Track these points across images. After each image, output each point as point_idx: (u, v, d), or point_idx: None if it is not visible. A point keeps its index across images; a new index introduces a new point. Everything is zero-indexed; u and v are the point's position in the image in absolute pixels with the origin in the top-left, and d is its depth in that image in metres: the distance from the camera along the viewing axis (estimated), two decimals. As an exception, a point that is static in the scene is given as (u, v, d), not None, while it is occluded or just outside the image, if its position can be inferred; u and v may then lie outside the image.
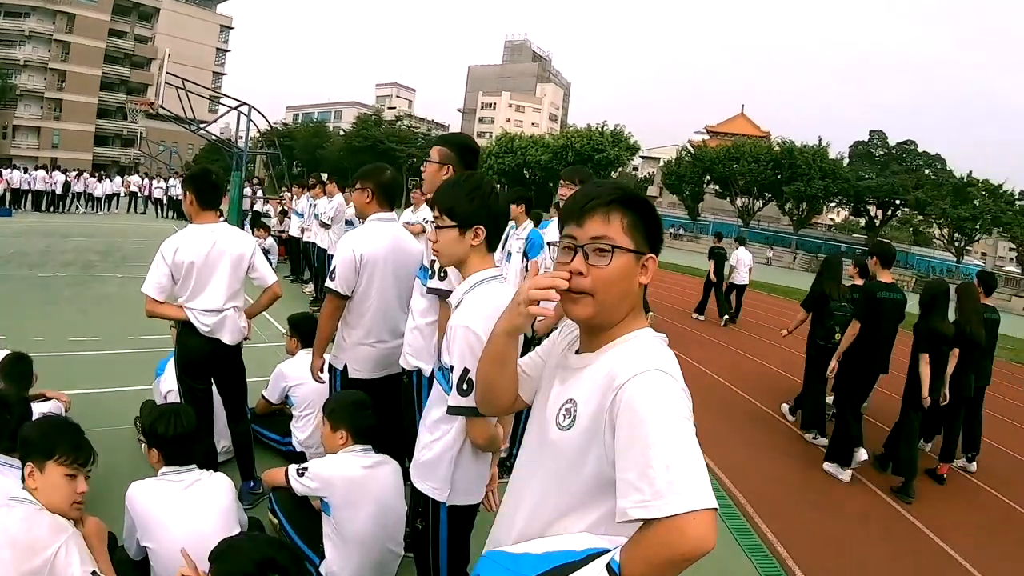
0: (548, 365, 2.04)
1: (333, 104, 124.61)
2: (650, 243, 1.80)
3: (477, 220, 2.77)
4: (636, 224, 1.76)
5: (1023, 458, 8.79)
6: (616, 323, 1.80)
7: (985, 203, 55.23)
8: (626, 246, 1.73)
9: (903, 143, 68.43)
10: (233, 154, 20.03)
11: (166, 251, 4.34)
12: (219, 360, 4.60)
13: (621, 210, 1.76)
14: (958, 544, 5.72)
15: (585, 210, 1.77)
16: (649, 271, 1.80)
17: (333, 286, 4.21)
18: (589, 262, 1.73)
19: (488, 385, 2.12)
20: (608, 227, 1.74)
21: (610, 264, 1.72)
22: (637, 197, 1.81)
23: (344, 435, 3.89)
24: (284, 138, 68.61)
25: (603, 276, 1.72)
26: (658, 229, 1.82)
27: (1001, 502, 7.04)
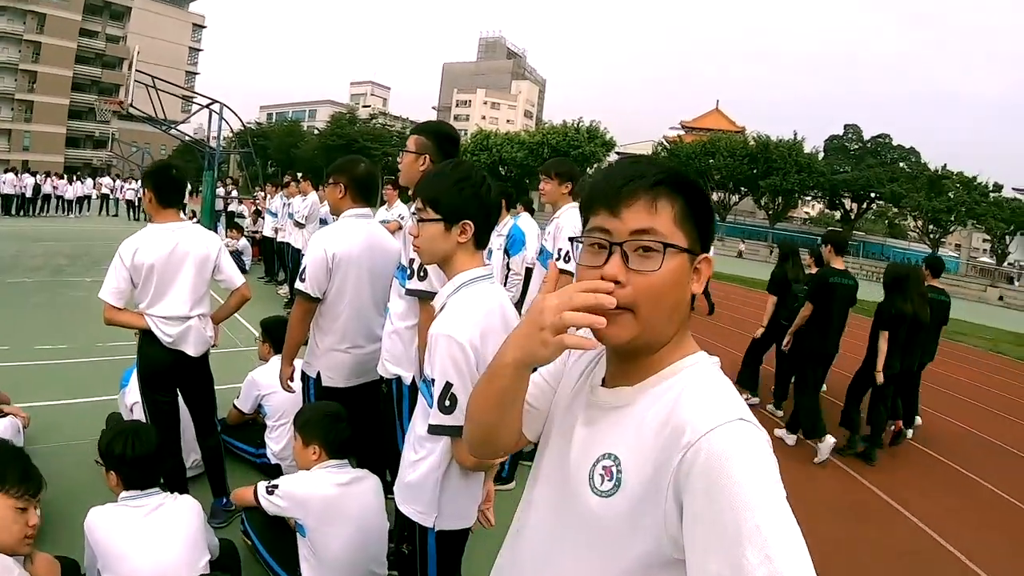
0: (561, 394, 1.58)
1: (307, 103, 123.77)
2: (702, 238, 1.36)
3: (466, 214, 2.46)
4: (687, 214, 1.33)
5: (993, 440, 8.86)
6: (662, 346, 1.35)
7: (960, 195, 56.28)
8: (679, 244, 1.30)
9: (878, 137, 68.99)
10: (205, 154, 19.68)
11: (124, 253, 4.01)
12: (184, 371, 4.27)
13: (671, 195, 1.32)
14: (908, 501, 6.37)
15: (624, 194, 1.31)
16: (703, 276, 1.37)
17: (303, 288, 3.90)
18: (630, 266, 1.28)
19: (486, 429, 1.57)
20: (655, 218, 1.30)
21: (660, 268, 1.27)
22: (688, 178, 1.35)
23: (317, 450, 3.63)
24: (258, 138, 68.04)
25: (650, 285, 1.28)
26: (710, 220, 1.38)
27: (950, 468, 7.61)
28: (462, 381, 2.25)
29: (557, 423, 1.54)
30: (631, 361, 1.37)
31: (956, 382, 12.79)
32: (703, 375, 1.33)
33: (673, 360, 1.35)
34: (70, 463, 4.96)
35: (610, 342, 1.33)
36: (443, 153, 3.52)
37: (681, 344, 1.38)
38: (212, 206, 18.32)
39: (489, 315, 2.39)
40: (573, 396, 1.52)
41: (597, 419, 1.40)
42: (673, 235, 1.30)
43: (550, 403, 1.61)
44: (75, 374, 7.28)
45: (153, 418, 4.22)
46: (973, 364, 15.47)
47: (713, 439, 1.14)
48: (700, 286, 1.37)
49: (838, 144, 71.28)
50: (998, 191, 57.40)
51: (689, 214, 1.33)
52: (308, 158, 71.80)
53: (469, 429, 1.63)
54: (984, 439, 9.09)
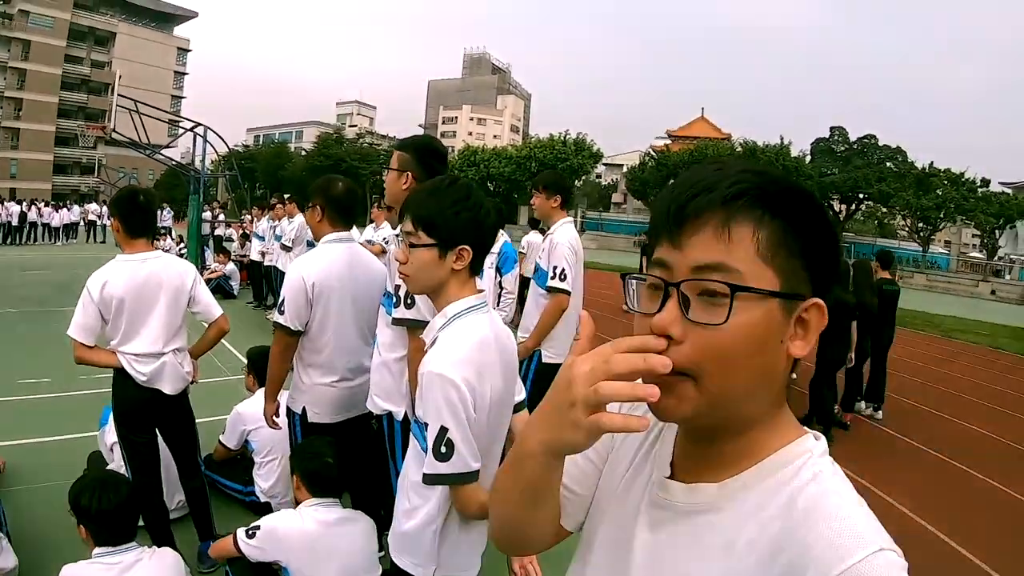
0: (611, 474, 1.20)
1: (294, 124, 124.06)
2: (813, 275, 0.95)
3: (464, 239, 2.18)
4: (784, 242, 0.92)
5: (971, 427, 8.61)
6: (749, 426, 0.98)
7: (948, 192, 56.44)
8: (763, 286, 0.90)
9: (864, 138, 69.38)
10: (191, 178, 19.50)
11: (92, 286, 3.76)
12: (161, 410, 4.01)
13: (756, 214, 0.92)
14: (864, 472, 6.48)
15: (687, 214, 0.94)
16: (811, 330, 0.96)
17: (282, 321, 3.67)
18: (690, 315, 0.91)
19: (513, 526, 1.21)
20: (728, 248, 0.91)
21: (727, 322, 0.89)
22: (787, 188, 0.95)
23: (297, 481, 3.44)
24: (245, 160, 68.20)
25: (715, 344, 0.90)
26: (828, 250, 0.97)
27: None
28: (458, 424, 2.01)
29: (608, 516, 1.15)
30: (709, 445, 1.01)
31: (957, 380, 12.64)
32: (818, 475, 0.93)
33: (771, 449, 0.97)
34: (47, 506, 4.72)
35: (664, 417, 0.96)
36: (427, 169, 3.32)
37: (779, 426, 0.99)
38: (199, 230, 18.09)
39: (485, 349, 2.15)
40: (630, 481, 1.14)
41: (666, 524, 1.02)
42: (754, 273, 0.90)
43: (595, 487, 1.22)
44: (56, 409, 7.05)
45: (131, 459, 3.98)
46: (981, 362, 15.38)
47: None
48: (807, 345, 0.96)
49: (825, 147, 71.66)
50: (986, 186, 57.86)
51: (788, 242, 0.92)
52: (296, 179, 71.75)
53: (493, 525, 1.25)
54: (980, 434, 8.91)
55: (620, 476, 1.16)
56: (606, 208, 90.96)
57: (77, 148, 72.26)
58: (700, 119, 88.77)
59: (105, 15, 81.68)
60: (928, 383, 12.15)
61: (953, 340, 18.99)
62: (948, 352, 16.64)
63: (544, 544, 1.26)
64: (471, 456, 2.04)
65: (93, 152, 68.22)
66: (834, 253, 0.97)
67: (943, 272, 54.13)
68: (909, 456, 7.84)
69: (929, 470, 7.44)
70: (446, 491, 2.15)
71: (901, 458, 7.72)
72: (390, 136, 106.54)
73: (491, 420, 2.17)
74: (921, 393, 11.21)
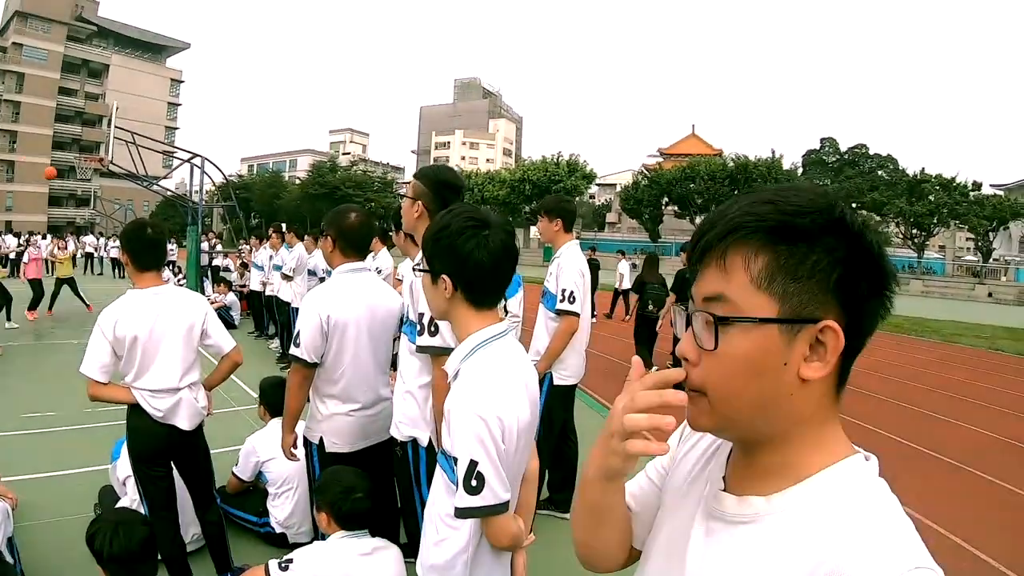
0: (670, 488, 1.28)
1: (288, 153, 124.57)
2: (842, 297, 0.96)
3: (443, 268, 2.18)
4: (785, 267, 0.96)
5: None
6: (782, 441, 1.02)
7: (940, 197, 56.86)
8: (755, 314, 0.96)
9: (855, 147, 70.09)
10: (188, 209, 19.50)
11: (105, 324, 3.74)
12: (177, 445, 3.99)
13: (753, 244, 0.97)
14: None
15: (698, 249, 1.04)
16: (828, 352, 0.96)
17: (298, 354, 3.66)
18: (699, 342, 1.01)
19: (586, 547, 1.36)
20: (726, 278, 0.99)
21: (717, 348, 0.98)
22: (797, 214, 0.96)
23: (326, 519, 3.39)
24: (240, 189, 68.16)
25: (715, 368, 0.99)
26: (862, 266, 0.97)
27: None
28: (488, 458, 2.02)
29: (665, 527, 1.23)
30: (753, 459, 1.07)
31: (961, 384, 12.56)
32: (862, 493, 0.98)
33: (815, 467, 1.01)
34: (60, 542, 4.71)
35: (693, 426, 1.08)
36: (440, 199, 3.34)
37: (822, 443, 1.02)
38: (198, 261, 18.08)
39: (509, 380, 2.16)
40: (686, 493, 1.21)
41: (718, 534, 1.08)
42: (747, 301, 0.97)
43: (656, 506, 1.30)
44: (64, 443, 7.00)
45: (147, 494, 3.95)
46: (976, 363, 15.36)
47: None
48: (824, 367, 0.97)
49: (816, 158, 72.33)
50: (977, 189, 58.24)
51: (790, 267, 0.95)
52: (291, 208, 71.99)
53: (574, 544, 1.39)
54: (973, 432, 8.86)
55: (677, 489, 1.24)
56: (601, 228, 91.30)
57: (72, 180, 72.33)
58: (691, 136, 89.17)
59: (98, 47, 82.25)
60: (931, 388, 12.19)
61: (953, 344, 19.15)
62: (948, 356, 16.75)
63: (615, 563, 1.36)
64: (502, 488, 2.05)
65: (89, 184, 68.26)
66: (874, 268, 0.98)
67: (939, 277, 54.38)
68: (917, 461, 7.86)
69: (936, 475, 7.46)
70: (476, 521, 2.15)
71: (909, 463, 7.74)
72: (384, 163, 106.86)
73: (518, 449, 2.18)
74: (924, 399, 11.29)
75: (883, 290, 0.99)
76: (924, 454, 8.10)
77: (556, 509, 5.59)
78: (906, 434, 8.83)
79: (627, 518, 1.32)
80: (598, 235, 75.75)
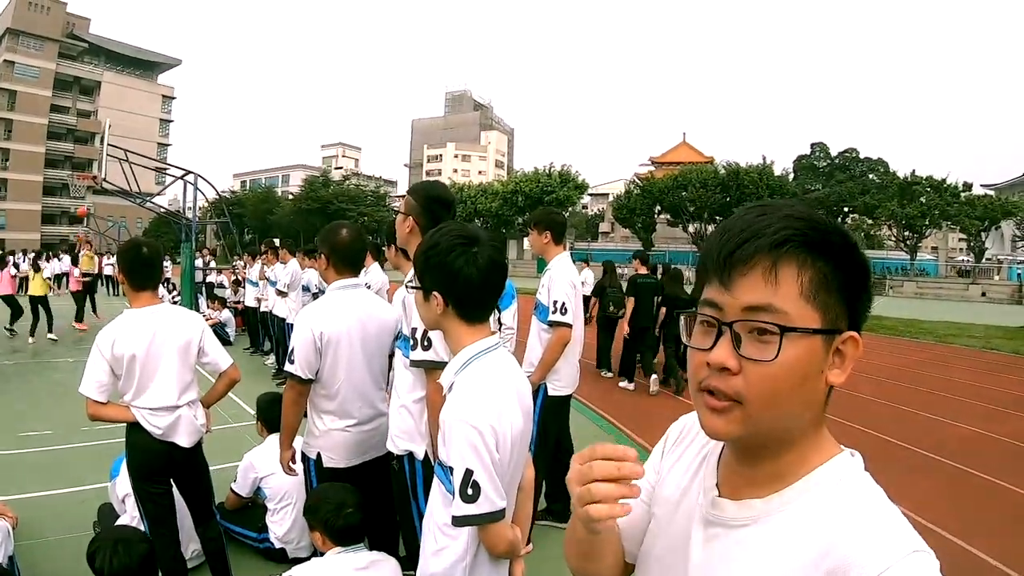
0: (660, 500, 1.31)
1: (280, 168, 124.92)
2: (850, 309, 1.05)
3: (433, 285, 2.26)
4: (827, 283, 1.02)
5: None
6: (789, 445, 1.08)
7: (931, 199, 57.36)
8: (808, 325, 1.00)
9: (845, 152, 70.34)
10: (182, 225, 19.50)
11: (102, 344, 3.78)
12: (176, 462, 4.01)
13: (801, 258, 1.01)
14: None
15: (736, 259, 1.03)
16: (847, 360, 1.05)
17: (293, 370, 3.69)
18: (741, 352, 1.01)
19: (579, 567, 1.39)
20: (775, 290, 1.01)
21: (777, 357, 0.99)
22: (830, 231, 1.03)
23: (321, 538, 3.41)
24: (233, 206, 68.27)
25: (765, 377, 1.00)
26: (861, 286, 1.06)
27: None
28: (483, 466, 2.08)
29: (661, 538, 1.27)
30: (754, 464, 1.10)
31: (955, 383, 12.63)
32: (854, 487, 1.05)
33: (811, 466, 1.07)
34: (61, 561, 4.75)
35: (717, 437, 1.11)
36: (431, 215, 3.39)
37: (818, 444, 1.09)
38: (192, 278, 18.07)
39: (502, 390, 2.22)
40: (679, 504, 1.25)
41: (719, 539, 1.12)
42: (800, 313, 1.00)
43: (645, 520, 1.33)
44: (61, 461, 7.02)
45: (147, 512, 3.97)
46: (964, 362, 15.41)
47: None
48: (843, 373, 1.04)
49: (807, 163, 72.49)
50: (968, 190, 58.88)
51: (830, 282, 1.02)
52: (285, 223, 72.07)
53: (571, 570, 1.43)
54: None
55: (668, 501, 1.27)
56: (594, 238, 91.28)
57: (65, 198, 72.45)
58: (683, 144, 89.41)
59: (90, 64, 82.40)
60: (928, 389, 12.29)
61: (948, 345, 19.29)
62: (944, 357, 16.87)
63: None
64: (497, 495, 2.10)
65: (81, 201, 68.27)
66: (867, 287, 1.06)
67: (932, 278, 54.57)
68: (914, 462, 7.92)
69: (934, 474, 7.51)
70: (473, 530, 2.20)
71: (905, 464, 7.79)
72: (376, 177, 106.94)
73: (513, 458, 2.23)
74: (921, 399, 11.38)
75: (870, 304, 1.09)
76: (920, 455, 8.16)
77: (554, 519, 5.62)
78: (903, 435, 8.89)
79: (618, 542, 1.35)
80: (592, 245, 75.71)
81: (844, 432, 8.32)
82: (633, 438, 8.58)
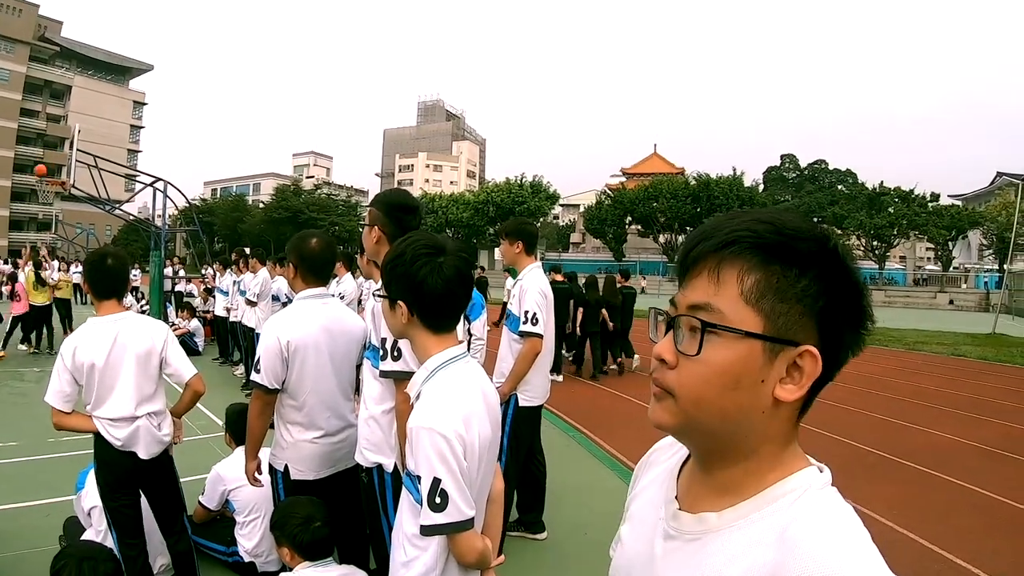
0: (631, 517, 1.29)
1: (251, 176, 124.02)
2: (822, 323, 0.99)
3: (398, 294, 2.27)
4: (778, 288, 0.97)
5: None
6: (740, 455, 1.04)
7: (899, 209, 58.67)
8: (740, 326, 0.97)
9: (814, 163, 71.43)
10: (151, 233, 19.30)
11: (65, 352, 3.75)
12: (143, 474, 3.95)
13: (747, 261, 0.99)
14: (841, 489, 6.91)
15: (690, 258, 1.05)
16: (805, 376, 0.98)
17: (258, 379, 3.65)
18: (680, 346, 1.02)
19: None
20: (717, 290, 1.00)
21: (699, 354, 0.99)
22: (798, 236, 0.98)
23: (289, 553, 3.37)
24: (203, 214, 67.85)
25: (691, 373, 1.00)
26: (842, 296, 0.99)
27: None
28: (451, 474, 2.07)
29: (627, 553, 1.24)
30: (710, 474, 1.08)
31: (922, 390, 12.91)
32: (814, 504, 0.98)
33: (769, 480, 1.02)
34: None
35: (654, 422, 1.07)
36: (396, 223, 3.42)
37: (779, 458, 1.03)
38: (161, 287, 17.87)
39: (469, 398, 2.21)
40: (643, 516, 1.23)
41: (675, 553, 1.09)
42: (739, 316, 0.97)
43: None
44: (26, 474, 6.85)
45: (115, 524, 3.92)
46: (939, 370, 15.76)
47: None
48: (798, 391, 0.98)
49: (777, 175, 73.45)
50: (936, 200, 60.02)
51: (785, 289, 0.97)
52: (255, 232, 71.75)
53: None
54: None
55: (636, 516, 1.26)
56: (565, 248, 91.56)
57: (33, 204, 71.62)
58: (654, 155, 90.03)
59: (61, 68, 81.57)
60: (897, 397, 12.54)
61: (917, 352, 19.73)
62: (913, 364, 17.23)
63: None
64: (466, 504, 2.09)
65: (50, 208, 67.53)
66: (855, 303, 1.01)
67: (901, 287, 55.40)
68: (885, 469, 8.02)
69: (904, 481, 7.61)
70: (443, 540, 2.18)
71: (877, 472, 7.89)
72: (347, 186, 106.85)
73: (481, 467, 2.22)
74: (891, 406, 11.59)
75: (860, 326, 1.02)
76: (892, 461, 8.26)
77: (526, 530, 5.60)
78: (873, 442, 9.02)
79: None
80: (563, 255, 76.01)
81: (815, 440, 8.55)
82: (602, 446, 8.59)
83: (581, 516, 6.10)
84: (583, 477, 7.39)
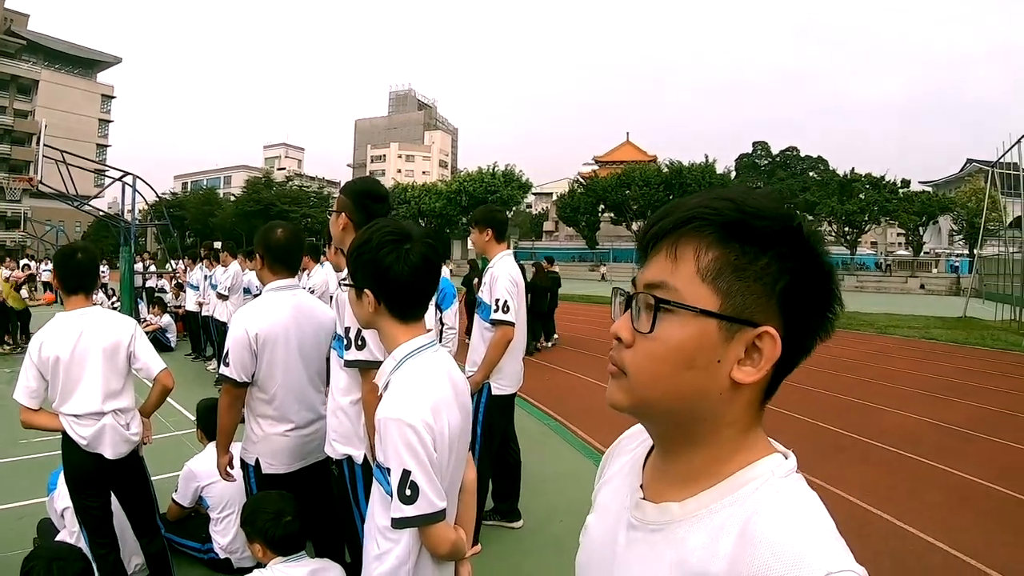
0: (597, 508, 1.26)
1: (222, 169, 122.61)
2: (784, 304, 0.95)
3: (363, 282, 2.23)
4: (736, 266, 0.95)
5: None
6: (699, 441, 1.01)
7: (870, 195, 59.74)
8: (693, 303, 0.95)
9: (786, 150, 71.92)
10: (121, 229, 19.08)
11: (32, 348, 3.69)
12: (112, 473, 3.88)
13: (704, 239, 0.96)
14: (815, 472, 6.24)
15: (648, 237, 1.03)
16: (763, 358, 0.95)
17: (227, 373, 3.61)
18: (635, 325, 0.99)
19: None
20: (674, 267, 0.98)
21: (652, 331, 0.97)
22: (759, 215, 0.95)
23: (261, 549, 3.34)
24: (174, 208, 67.27)
25: (645, 352, 0.98)
26: (811, 279, 0.97)
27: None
28: (420, 466, 2.04)
29: (592, 544, 1.22)
30: (669, 457, 1.07)
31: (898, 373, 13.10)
32: (777, 493, 0.95)
33: (731, 468, 0.99)
34: (0, 580, 4.57)
35: (609, 400, 1.05)
36: (363, 210, 3.39)
37: (741, 445, 1.00)
38: (131, 283, 17.64)
39: (437, 387, 2.19)
40: (608, 506, 1.20)
41: (637, 543, 1.06)
42: (694, 293, 0.95)
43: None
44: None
45: (84, 524, 3.87)
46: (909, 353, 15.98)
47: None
48: (756, 373, 0.95)
49: (749, 162, 74.00)
50: (906, 186, 61.16)
51: (743, 267, 0.94)
52: (227, 226, 71.10)
53: None
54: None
55: (602, 505, 1.23)
56: (538, 237, 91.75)
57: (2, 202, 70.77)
58: (626, 143, 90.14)
59: (28, 62, 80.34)
60: (869, 379, 12.72)
61: (888, 336, 20.08)
62: (884, 348, 17.53)
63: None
64: (436, 496, 2.07)
65: (18, 205, 66.73)
66: (822, 285, 0.98)
67: (872, 272, 55.99)
68: (857, 451, 8.12)
69: (875, 461, 7.73)
70: (415, 531, 2.16)
71: (849, 454, 8.00)
72: (319, 178, 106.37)
73: (452, 457, 2.20)
74: (862, 389, 11.77)
75: (826, 310, 0.99)
76: (863, 442, 8.38)
77: (502, 519, 5.62)
78: (844, 424, 9.13)
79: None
80: (536, 244, 76.01)
81: (786, 422, 8.70)
82: (577, 433, 8.64)
83: (557, 504, 6.11)
84: (558, 465, 7.39)
